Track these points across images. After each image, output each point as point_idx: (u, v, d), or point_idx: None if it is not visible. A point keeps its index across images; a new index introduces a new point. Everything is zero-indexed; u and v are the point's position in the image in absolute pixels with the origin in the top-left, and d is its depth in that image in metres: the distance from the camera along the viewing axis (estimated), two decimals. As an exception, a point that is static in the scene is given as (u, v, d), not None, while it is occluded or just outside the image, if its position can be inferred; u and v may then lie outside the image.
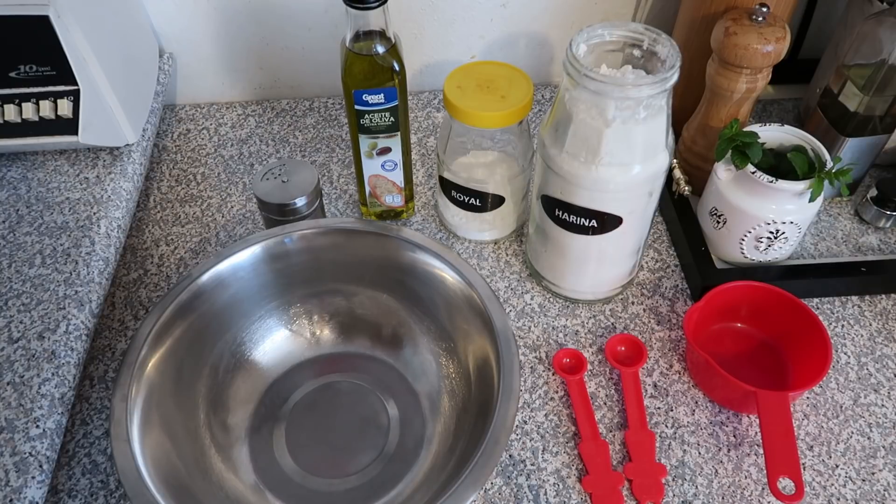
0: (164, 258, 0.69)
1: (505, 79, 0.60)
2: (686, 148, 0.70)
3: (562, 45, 0.85)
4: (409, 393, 0.58)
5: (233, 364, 0.57)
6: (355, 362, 0.60)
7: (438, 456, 0.53)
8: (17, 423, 0.49)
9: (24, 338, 0.54)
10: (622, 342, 0.61)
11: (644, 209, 0.57)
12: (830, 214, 0.72)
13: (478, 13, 0.81)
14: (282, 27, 0.80)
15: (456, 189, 0.65)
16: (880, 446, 0.56)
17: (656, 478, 0.53)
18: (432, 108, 0.85)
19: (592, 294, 0.64)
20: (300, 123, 0.83)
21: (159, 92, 0.77)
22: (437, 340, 0.57)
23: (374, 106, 0.59)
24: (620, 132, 0.50)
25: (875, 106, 0.64)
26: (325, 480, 0.53)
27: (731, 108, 0.64)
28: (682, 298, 0.66)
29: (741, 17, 0.60)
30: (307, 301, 0.60)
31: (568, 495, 0.53)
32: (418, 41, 0.83)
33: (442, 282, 0.54)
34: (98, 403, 0.58)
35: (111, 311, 0.64)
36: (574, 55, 0.50)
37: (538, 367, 0.61)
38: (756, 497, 0.53)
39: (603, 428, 0.57)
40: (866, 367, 0.61)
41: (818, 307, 0.65)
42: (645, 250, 0.67)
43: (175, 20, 0.78)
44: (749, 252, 0.64)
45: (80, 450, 0.55)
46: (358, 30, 0.56)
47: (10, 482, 0.47)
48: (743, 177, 0.60)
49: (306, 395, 0.58)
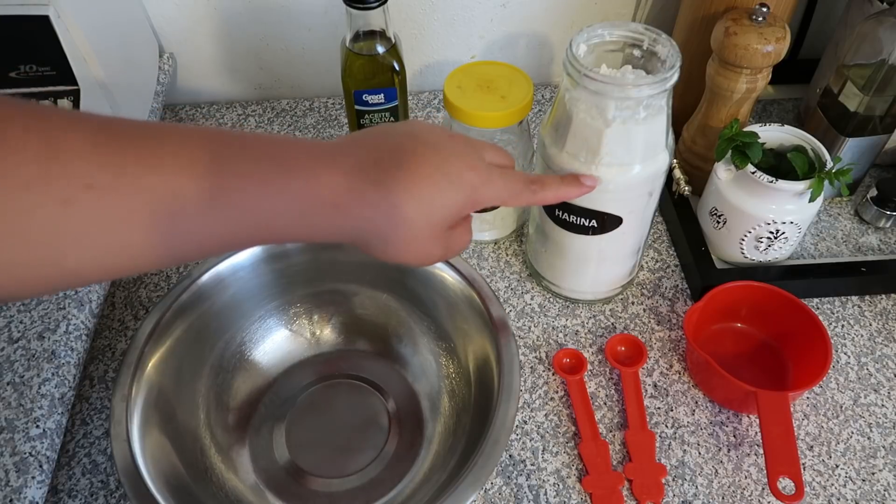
0: (164, 258, 0.69)
1: (505, 79, 0.60)
2: (686, 148, 0.70)
3: (562, 45, 0.85)
4: (409, 393, 0.58)
5: (233, 364, 0.57)
6: (355, 362, 0.60)
7: (438, 456, 0.53)
8: (17, 423, 0.49)
9: (24, 338, 0.54)
10: (622, 342, 0.61)
11: (644, 209, 0.57)
12: (830, 214, 0.72)
13: (478, 13, 0.81)
14: (282, 27, 0.80)
15: (456, 189, 0.65)
16: (880, 446, 0.56)
17: (656, 478, 0.53)
18: (432, 108, 0.85)
19: (592, 294, 0.64)
20: (300, 123, 0.83)
21: (159, 92, 0.77)
22: (437, 340, 0.57)
23: (374, 106, 0.59)
24: (620, 132, 0.50)
25: (875, 106, 0.64)
26: (325, 480, 0.53)
27: (731, 108, 0.64)
28: (682, 298, 0.66)
29: (741, 17, 0.60)
30: (307, 301, 0.60)
31: (568, 495, 0.53)
32: (418, 41, 0.83)
33: (442, 282, 0.54)
34: (98, 403, 0.58)
35: (111, 311, 0.64)
36: (574, 55, 0.50)
37: (538, 367, 0.61)
38: (756, 497, 0.53)
39: (603, 428, 0.57)
40: (866, 367, 0.61)
41: (818, 307, 0.65)
42: (645, 250, 0.67)
43: (175, 20, 0.78)
44: (749, 252, 0.64)
45: (80, 450, 0.55)
46: (358, 30, 0.56)
47: (10, 482, 0.47)
48: (743, 177, 0.60)
49: (306, 395, 0.58)
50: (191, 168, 0.32)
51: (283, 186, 0.34)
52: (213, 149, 0.33)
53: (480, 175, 0.40)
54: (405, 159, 0.37)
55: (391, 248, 0.39)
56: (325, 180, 0.35)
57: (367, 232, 0.37)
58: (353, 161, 0.36)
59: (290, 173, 0.35)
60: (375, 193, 0.36)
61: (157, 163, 0.31)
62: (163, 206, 0.31)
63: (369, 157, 0.37)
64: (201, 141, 0.33)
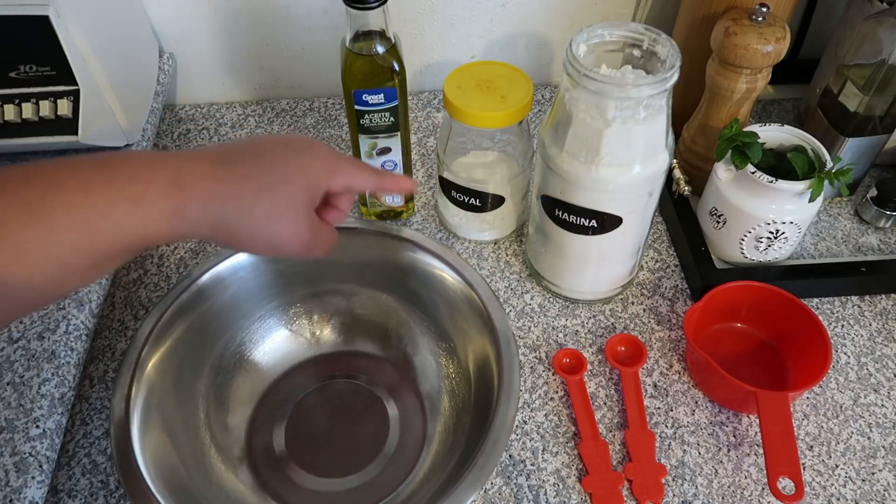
0: (164, 258, 0.69)
1: (505, 79, 0.60)
2: (686, 148, 0.70)
3: (562, 45, 0.85)
4: (409, 393, 0.58)
5: (233, 364, 0.57)
6: (355, 362, 0.60)
7: (438, 456, 0.53)
8: (17, 423, 0.49)
9: (23, 338, 0.54)
10: (622, 342, 0.61)
11: (644, 209, 0.57)
12: (830, 214, 0.72)
13: (478, 13, 0.81)
14: (282, 27, 0.80)
15: (456, 189, 0.65)
16: (880, 446, 0.56)
17: (656, 478, 0.53)
18: (432, 108, 0.85)
19: (592, 294, 0.64)
20: (300, 123, 0.83)
21: (159, 92, 0.77)
22: (437, 340, 0.57)
23: (374, 106, 0.59)
24: (620, 132, 0.50)
25: (875, 106, 0.64)
26: (325, 480, 0.53)
27: (731, 108, 0.64)
28: (682, 298, 0.66)
29: (741, 17, 0.60)
30: (307, 301, 0.60)
31: (568, 495, 0.53)
32: (418, 41, 0.83)
33: (442, 282, 0.54)
34: (98, 403, 0.58)
35: (111, 311, 0.64)
36: (574, 55, 0.50)
37: (538, 367, 0.61)
38: (756, 497, 0.53)
39: (603, 428, 0.57)
40: (866, 367, 0.61)
41: (818, 307, 0.65)
42: (645, 250, 0.67)
43: (175, 20, 0.78)
44: (749, 252, 0.64)
45: (80, 450, 0.55)
46: (358, 30, 0.56)
47: (10, 482, 0.47)
48: (743, 177, 0.60)
49: (306, 395, 0.58)
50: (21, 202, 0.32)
51: (108, 179, 0.34)
52: (28, 178, 0.33)
53: (330, 149, 0.43)
54: (247, 145, 0.40)
55: (252, 228, 0.39)
56: (160, 166, 0.36)
57: (218, 211, 0.37)
58: (188, 154, 0.38)
59: (115, 168, 0.35)
60: (222, 169, 0.37)
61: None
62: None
63: (207, 150, 0.39)
64: (23, 171, 0.33)
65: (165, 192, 0.35)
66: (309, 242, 0.42)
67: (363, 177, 0.45)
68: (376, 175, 0.46)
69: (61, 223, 0.32)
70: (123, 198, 0.34)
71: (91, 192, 0.33)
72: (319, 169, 0.42)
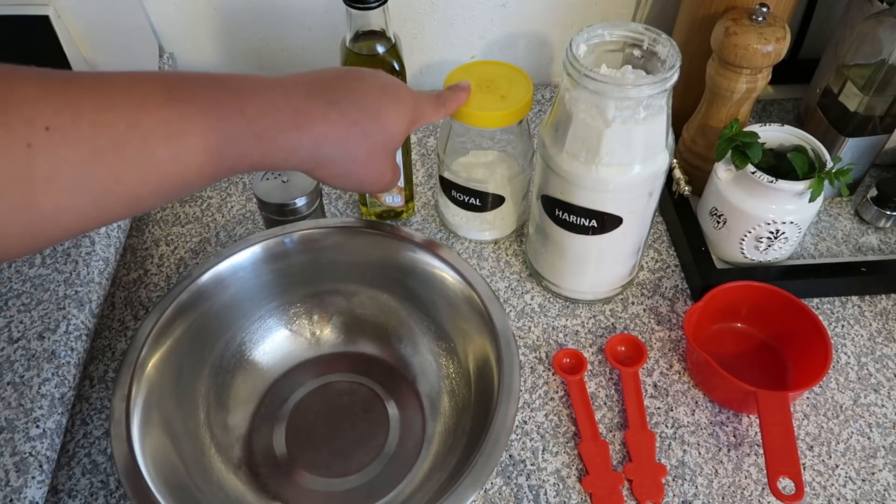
0: (164, 258, 0.69)
1: (505, 79, 0.60)
2: (686, 148, 0.70)
3: (562, 45, 0.85)
4: (409, 393, 0.58)
5: (233, 364, 0.57)
6: (355, 362, 0.60)
7: (438, 456, 0.53)
8: (17, 423, 0.49)
9: (24, 338, 0.54)
10: (622, 342, 0.61)
11: (644, 209, 0.57)
12: (830, 214, 0.72)
13: (478, 13, 0.81)
14: (282, 27, 0.80)
15: (456, 189, 0.65)
16: (880, 446, 0.56)
17: (656, 478, 0.53)
18: (432, 108, 0.85)
19: (592, 294, 0.64)
20: (300, 123, 0.83)
21: (159, 92, 0.77)
22: (437, 340, 0.57)
23: (374, 106, 0.59)
24: (620, 132, 0.50)
25: (875, 106, 0.64)
26: (325, 480, 0.53)
27: (731, 108, 0.64)
28: (682, 298, 0.66)
29: (741, 17, 0.60)
30: (307, 301, 0.60)
31: (568, 495, 0.53)
32: (418, 41, 0.83)
33: (442, 282, 0.54)
34: (98, 403, 0.58)
35: (111, 311, 0.64)
36: (574, 55, 0.50)
37: (538, 367, 0.61)
38: (756, 497, 0.53)
39: (603, 428, 0.57)
40: (866, 367, 0.61)
41: (818, 307, 0.65)
42: (645, 250, 0.67)
43: (175, 20, 0.78)
44: (749, 252, 0.64)
45: (80, 450, 0.55)
46: (358, 30, 0.56)
47: (10, 482, 0.47)
48: (743, 177, 0.60)
49: (306, 395, 0.58)
50: (144, 102, 0.33)
51: (239, 109, 0.36)
52: (165, 84, 0.35)
53: (413, 93, 0.47)
54: (352, 85, 0.42)
55: (350, 167, 0.42)
56: (281, 103, 0.38)
57: (326, 151, 0.40)
58: (304, 88, 0.40)
59: (244, 98, 0.37)
60: (334, 112, 0.40)
61: (111, 102, 0.32)
62: (123, 140, 0.32)
63: (318, 85, 0.41)
64: (152, 78, 0.35)
65: (284, 130, 0.38)
66: (389, 182, 0.47)
67: (438, 116, 0.51)
68: (445, 109, 0.52)
69: (197, 145, 0.35)
70: (251, 132, 0.37)
71: (225, 119, 0.36)
72: (409, 119, 0.46)
